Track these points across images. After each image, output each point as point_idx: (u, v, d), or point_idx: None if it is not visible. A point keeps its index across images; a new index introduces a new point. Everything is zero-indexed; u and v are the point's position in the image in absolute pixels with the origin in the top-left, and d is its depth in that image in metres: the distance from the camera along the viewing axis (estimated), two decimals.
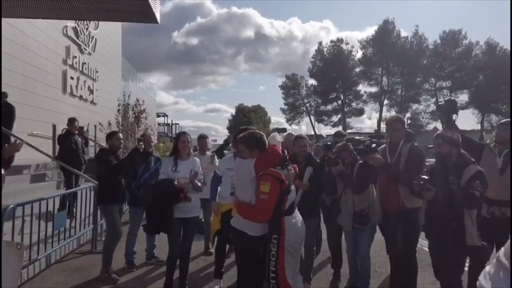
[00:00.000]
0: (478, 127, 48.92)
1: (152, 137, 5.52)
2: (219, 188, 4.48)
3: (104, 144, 13.93)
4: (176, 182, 3.81)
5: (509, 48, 46.48)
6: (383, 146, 3.88)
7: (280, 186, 2.79)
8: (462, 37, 48.28)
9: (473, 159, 3.10)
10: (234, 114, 69.23)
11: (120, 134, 5.25)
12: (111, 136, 5.08)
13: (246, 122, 64.84)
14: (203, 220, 5.55)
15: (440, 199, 2.93)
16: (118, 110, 14.36)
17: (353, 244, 4.06)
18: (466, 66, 47.24)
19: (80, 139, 8.17)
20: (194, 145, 5.73)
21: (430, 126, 50.79)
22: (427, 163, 3.71)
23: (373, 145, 3.65)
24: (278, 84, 71.20)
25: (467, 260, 3.22)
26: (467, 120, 59.24)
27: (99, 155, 5.03)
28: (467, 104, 48.30)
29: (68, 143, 7.73)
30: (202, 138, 6.11)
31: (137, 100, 15.52)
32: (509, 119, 3.65)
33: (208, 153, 5.92)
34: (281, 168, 2.86)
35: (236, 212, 3.24)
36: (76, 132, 8.18)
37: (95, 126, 13.21)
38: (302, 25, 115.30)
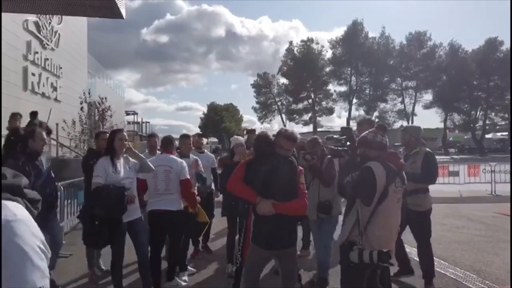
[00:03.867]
0: (442, 125, 50.97)
1: (43, 133, 4.21)
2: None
3: (67, 143, 13.50)
4: (127, 196, 3.57)
5: (470, 50, 48.82)
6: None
7: None
8: (427, 38, 49.94)
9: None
10: (206, 112, 68.71)
11: (107, 134, 4.95)
12: (97, 136, 5.06)
13: (218, 121, 64.55)
14: None
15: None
16: (81, 108, 13.66)
17: (318, 235, 4.36)
18: (430, 66, 48.94)
19: None
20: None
21: (397, 125, 52.41)
22: None
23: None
24: (250, 82, 71.14)
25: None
26: (431, 119, 61.52)
27: (84, 157, 4.88)
28: (431, 104, 50.14)
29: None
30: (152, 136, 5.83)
31: (100, 97, 14.95)
32: (408, 125, 4.21)
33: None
34: None
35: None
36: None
37: (57, 124, 12.69)
38: (272, 24, 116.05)
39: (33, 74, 13.90)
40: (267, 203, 2.78)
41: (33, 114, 8.29)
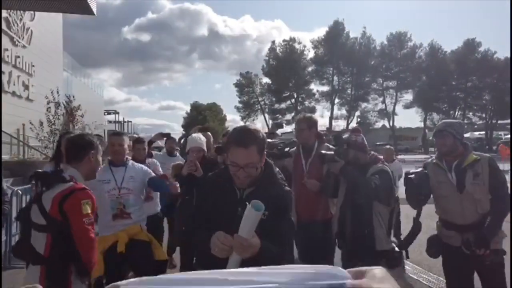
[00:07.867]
0: (422, 124, 51.87)
1: None
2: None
3: (37, 144, 12.96)
4: None
5: (449, 51, 49.84)
6: (294, 148, 3.58)
7: None
8: (407, 39, 50.71)
9: (382, 159, 3.04)
10: (189, 111, 68.12)
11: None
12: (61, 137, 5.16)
13: (202, 120, 63.95)
14: None
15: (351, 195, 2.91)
16: (48, 109, 12.79)
17: None
18: (410, 67, 49.72)
19: None
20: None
21: (378, 124, 53.09)
22: None
23: (286, 149, 3.46)
24: (233, 82, 70.87)
25: None
26: (411, 118, 62.68)
27: None
28: (412, 103, 50.96)
29: None
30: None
31: (66, 96, 14.30)
32: (447, 120, 3.27)
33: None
34: None
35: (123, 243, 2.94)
36: None
37: (23, 125, 12.15)
38: (255, 23, 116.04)
39: (2, 72, 13.34)
40: None
41: None
